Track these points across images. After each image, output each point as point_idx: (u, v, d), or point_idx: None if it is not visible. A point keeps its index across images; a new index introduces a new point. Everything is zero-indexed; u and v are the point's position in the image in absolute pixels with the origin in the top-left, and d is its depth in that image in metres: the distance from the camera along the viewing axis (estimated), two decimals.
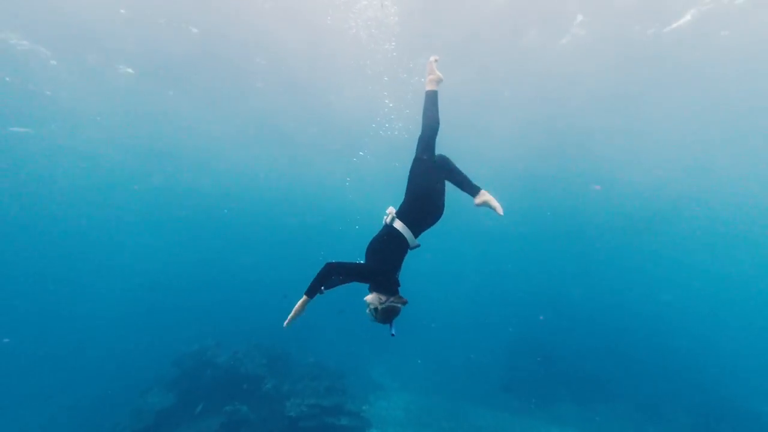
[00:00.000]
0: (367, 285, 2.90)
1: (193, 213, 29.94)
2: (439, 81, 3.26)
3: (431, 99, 3.23)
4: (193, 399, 10.01)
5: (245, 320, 17.14)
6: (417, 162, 3.18)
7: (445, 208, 3.16)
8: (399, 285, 2.91)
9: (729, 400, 11.45)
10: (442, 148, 3.36)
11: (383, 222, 3.07)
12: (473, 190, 3.14)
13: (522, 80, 11.70)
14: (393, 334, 2.77)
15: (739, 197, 17.97)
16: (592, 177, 17.58)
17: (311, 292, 2.80)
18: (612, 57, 10.34)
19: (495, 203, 3.00)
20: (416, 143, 3.23)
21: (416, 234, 3.04)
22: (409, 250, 3.05)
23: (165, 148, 18.98)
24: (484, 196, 3.07)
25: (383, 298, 2.78)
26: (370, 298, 2.81)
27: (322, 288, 2.80)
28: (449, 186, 3.23)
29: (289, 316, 2.83)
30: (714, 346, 16.25)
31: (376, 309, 2.77)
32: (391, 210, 3.10)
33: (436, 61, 3.26)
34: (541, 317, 14.82)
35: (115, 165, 20.43)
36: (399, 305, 2.78)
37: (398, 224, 2.98)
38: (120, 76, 12.17)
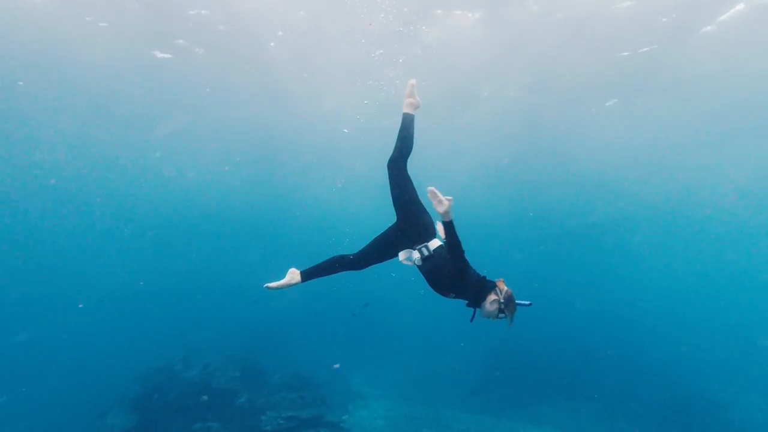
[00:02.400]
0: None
1: (159, 221, 28.56)
2: (417, 106, 3.18)
3: (408, 122, 3.14)
4: (158, 419, 9.31)
5: (216, 331, 16.35)
6: (397, 179, 3.05)
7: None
8: (484, 275, 2.78)
9: (695, 394, 11.97)
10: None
11: (426, 254, 2.89)
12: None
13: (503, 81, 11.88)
14: (530, 304, 2.68)
15: (706, 200, 19.19)
16: (568, 178, 18.21)
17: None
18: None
19: None
20: (388, 163, 3.08)
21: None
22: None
23: (134, 157, 18.24)
24: None
25: (493, 296, 2.61)
26: (488, 308, 2.62)
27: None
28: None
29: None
30: (680, 343, 17.10)
31: (502, 310, 2.58)
32: (414, 254, 2.92)
33: (414, 85, 3.18)
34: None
35: (79, 174, 19.38)
36: (506, 288, 2.62)
37: (435, 242, 2.92)
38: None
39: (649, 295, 27.39)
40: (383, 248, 3.06)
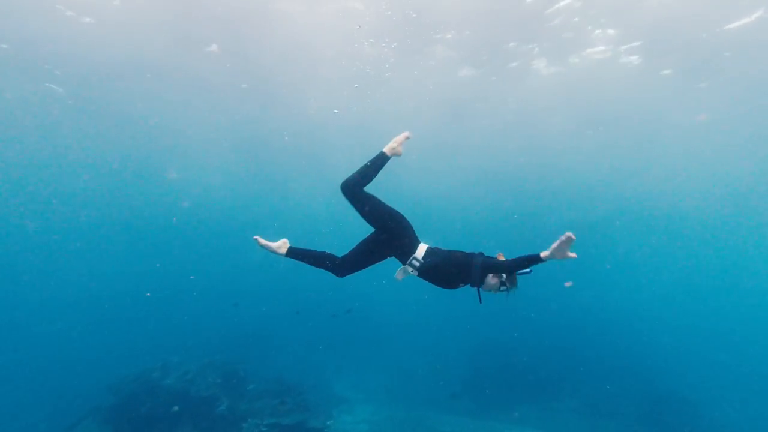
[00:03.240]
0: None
1: (134, 220, 27.60)
2: (396, 153, 3.13)
3: (380, 160, 3.05)
4: (133, 430, 8.94)
5: (197, 336, 15.88)
6: (357, 202, 2.99)
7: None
8: (481, 252, 2.95)
9: (669, 391, 12.39)
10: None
11: (417, 265, 2.97)
12: None
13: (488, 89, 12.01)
14: (530, 270, 2.83)
15: (679, 202, 19.91)
16: (546, 179, 18.55)
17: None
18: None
19: None
20: (342, 186, 2.98)
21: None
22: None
23: (111, 157, 17.61)
24: None
25: (496, 279, 2.80)
26: (490, 282, 2.82)
27: None
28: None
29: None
30: (655, 342, 17.65)
31: (503, 283, 2.81)
32: (408, 269, 3.03)
33: (407, 137, 3.15)
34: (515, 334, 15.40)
35: (50, 174, 18.56)
36: (505, 265, 2.78)
37: (422, 249, 2.98)
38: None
39: (625, 296, 28.20)
40: (366, 258, 3.07)
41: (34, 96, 12.29)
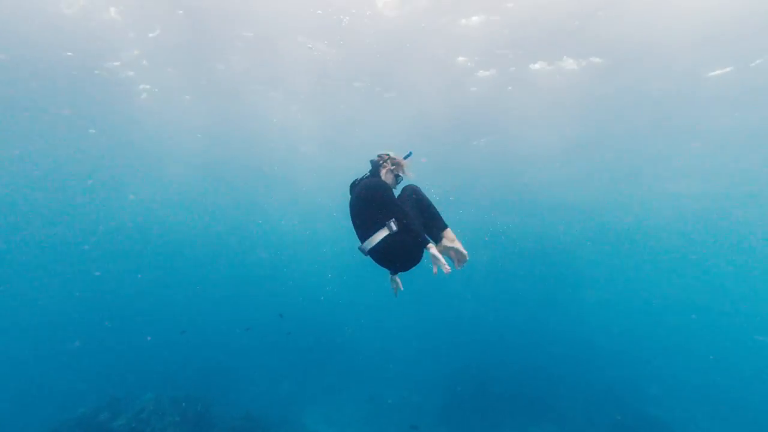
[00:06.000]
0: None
1: (79, 243, 25.42)
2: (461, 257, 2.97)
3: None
4: None
5: (149, 369, 14.48)
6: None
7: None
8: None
9: (644, 413, 12.66)
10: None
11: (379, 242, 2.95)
12: None
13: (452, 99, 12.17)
14: (410, 153, 3.19)
15: (645, 222, 20.81)
16: (524, 200, 18.90)
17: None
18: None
19: None
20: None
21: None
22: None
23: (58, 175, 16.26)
24: None
25: (384, 170, 3.05)
26: (387, 180, 3.05)
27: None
28: None
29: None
30: (630, 365, 18.03)
31: (397, 175, 3.08)
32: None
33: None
34: None
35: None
36: (394, 157, 3.09)
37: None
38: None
39: (601, 320, 28.84)
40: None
41: None
